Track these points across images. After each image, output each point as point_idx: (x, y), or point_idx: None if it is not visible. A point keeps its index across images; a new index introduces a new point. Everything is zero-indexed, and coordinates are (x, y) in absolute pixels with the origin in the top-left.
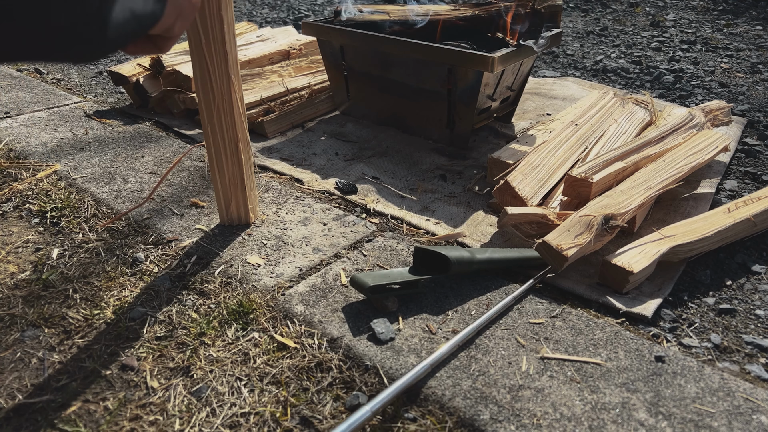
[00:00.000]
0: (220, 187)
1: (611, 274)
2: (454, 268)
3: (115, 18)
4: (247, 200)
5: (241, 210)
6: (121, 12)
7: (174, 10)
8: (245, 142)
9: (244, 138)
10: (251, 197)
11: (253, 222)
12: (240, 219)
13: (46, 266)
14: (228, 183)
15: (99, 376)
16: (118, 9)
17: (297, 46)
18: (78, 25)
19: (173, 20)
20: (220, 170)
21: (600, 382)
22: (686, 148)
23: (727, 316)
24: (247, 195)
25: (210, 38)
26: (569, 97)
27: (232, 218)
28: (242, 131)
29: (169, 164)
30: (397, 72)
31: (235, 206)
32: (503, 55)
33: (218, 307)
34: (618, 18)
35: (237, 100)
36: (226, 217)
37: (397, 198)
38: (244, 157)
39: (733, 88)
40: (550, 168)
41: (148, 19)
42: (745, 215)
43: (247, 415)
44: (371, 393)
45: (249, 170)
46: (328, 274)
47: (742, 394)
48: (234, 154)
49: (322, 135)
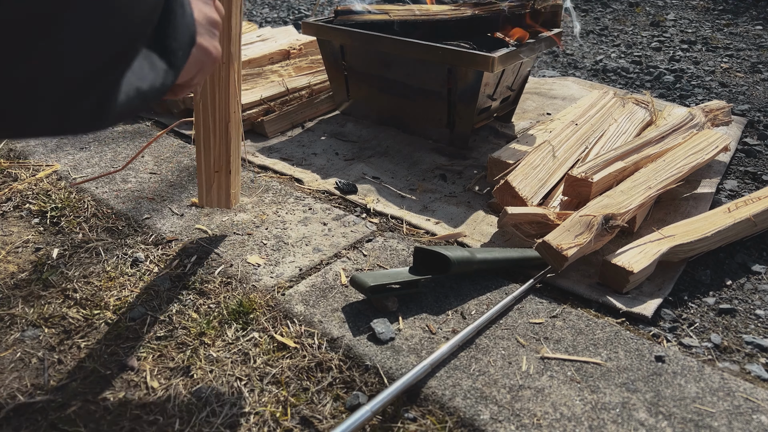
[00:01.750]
0: (204, 168)
1: (611, 274)
2: (454, 268)
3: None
4: (230, 184)
5: (222, 194)
6: (125, 93)
7: (194, 66)
8: (236, 123)
9: (236, 119)
10: (234, 182)
11: (232, 208)
12: (220, 203)
13: (46, 266)
14: (213, 164)
15: (99, 376)
16: (122, 91)
17: (297, 46)
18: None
19: (192, 75)
20: (206, 149)
21: (600, 382)
22: (686, 148)
23: (728, 316)
24: (231, 179)
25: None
26: (569, 96)
27: (211, 201)
28: (235, 111)
29: (169, 164)
30: (397, 72)
31: (216, 189)
32: (503, 55)
33: (218, 307)
34: (618, 18)
35: (234, 80)
36: (205, 199)
37: (397, 198)
38: (233, 139)
39: (733, 87)
40: (551, 168)
41: (155, 93)
42: (746, 215)
43: (247, 415)
44: (371, 393)
45: (237, 153)
46: (328, 274)
47: (743, 394)
48: (223, 134)
49: (322, 135)
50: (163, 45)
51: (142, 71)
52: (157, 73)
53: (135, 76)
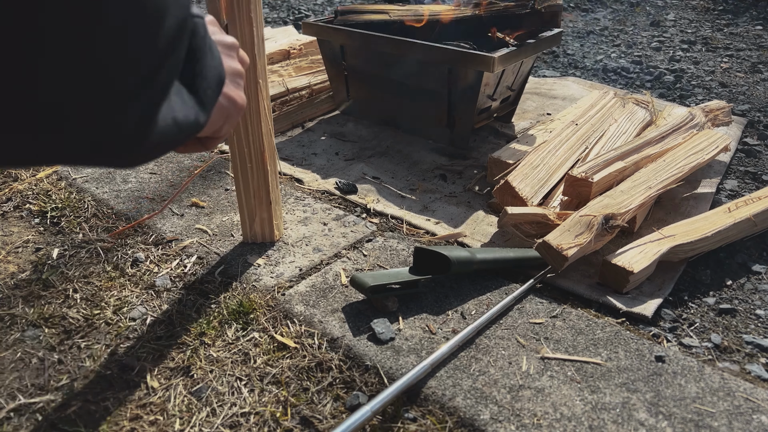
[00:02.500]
0: (245, 202)
1: (611, 274)
2: (454, 268)
3: (158, 128)
4: (272, 216)
5: (265, 227)
6: (163, 120)
7: (220, 115)
8: (272, 152)
9: (270, 148)
10: (276, 212)
11: (277, 240)
12: (264, 236)
13: (46, 266)
14: (253, 197)
15: (99, 376)
16: (160, 117)
17: (297, 46)
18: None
19: (221, 124)
20: (244, 183)
21: (600, 382)
22: (686, 148)
23: (728, 316)
24: (272, 210)
25: (239, 41)
26: (569, 96)
27: (255, 235)
28: (269, 141)
29: (169, 163)
30: (397, 72)
31: (260, 222)
32: (503, 55)
33: (218, 306)
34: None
35: (264, 108)
36: (249, 233)
37: (397, 198)
38: (270, 169)
39: (733, 87)
40: (551, 168)
41: (190, 128)
42: (746, 215)
43: (247, 415)
44: (371, 393)
45: (275, 183)
46: (328, 274)
47: (743, 394)
48: (260, 165)
49: (322, 135)
50: (192, 83)
51: (176, 104)
52: (189, 108)
53: (170, 106)
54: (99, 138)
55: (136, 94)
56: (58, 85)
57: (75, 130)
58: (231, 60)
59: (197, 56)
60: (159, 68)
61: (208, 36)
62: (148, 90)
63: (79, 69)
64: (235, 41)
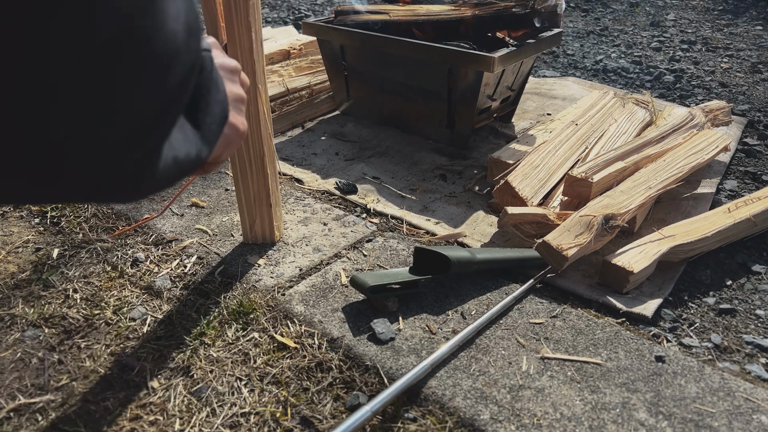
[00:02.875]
0: (245, 204)
1: (611, 274)
2: (454, 268)
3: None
4: (272, 217)
5: (266, 228)
6: (164, 160)
7: (222, 143)
8: (271, 155)
9: (270, 152)
10: (276, 214)
11: (278, 240)
12: (264, 237)
13: (46, 266)
14: (253, 199)
15: (99, 376)
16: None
17: (297, 46)
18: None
19: (221, 152)
20: (244, 186)
21: (600, 382)
22: (686, 148)
23: (728, 316)
24: (273, 212)
25: (237, 45)
26: (569, 97)
27: (256, 236)
28: (268, 144)
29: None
30: (397, 72)
31: (260, 224)
32: (503, 55)
33: (218, 307)
34: (618, 18)
35: (264, 112)
36: (249, 234)
37: (397, 198)
38: (270, 172)
39: (733, 88)
40: (551, 168)
41: (191, 164)
42: (746, 215)
43: (247, 415)
44: (371, 393)
45: (275, 186)
46: (328, 274)
47: (743, 394)
48: (260, 168)
49: (322, 135)
50: (196, 117)
51: (177, 141)
52: (191, 144)
53: (171, 144)
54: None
55: (140, 139)
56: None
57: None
58: (233, 85)
59: (203, 92)
60: (164, 113)
61: (215, 70)
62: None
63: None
64: (237, 65)
